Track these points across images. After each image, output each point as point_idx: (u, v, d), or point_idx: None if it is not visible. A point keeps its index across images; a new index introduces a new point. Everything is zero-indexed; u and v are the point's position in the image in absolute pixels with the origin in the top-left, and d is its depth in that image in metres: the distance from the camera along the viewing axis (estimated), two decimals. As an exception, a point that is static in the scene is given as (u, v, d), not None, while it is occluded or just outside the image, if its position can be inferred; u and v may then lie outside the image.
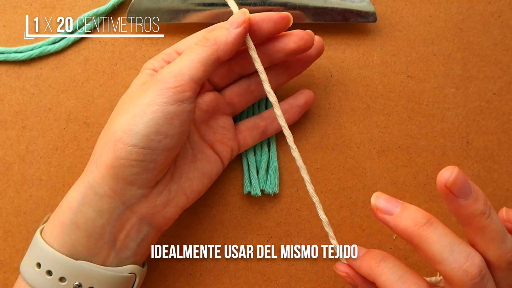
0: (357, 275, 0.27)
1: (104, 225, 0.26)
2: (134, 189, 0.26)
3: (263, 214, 0.34)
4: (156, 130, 0.25)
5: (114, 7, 0.34)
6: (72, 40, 0.34)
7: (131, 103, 0.26)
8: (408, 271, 0.25)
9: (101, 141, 0.27)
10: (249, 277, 0.34)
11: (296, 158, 0.28)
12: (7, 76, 0.34)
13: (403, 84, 0.35)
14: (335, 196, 0.34)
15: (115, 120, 0.26)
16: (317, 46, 0.31)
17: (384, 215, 0.25)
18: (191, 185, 0.29)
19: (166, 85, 0.25)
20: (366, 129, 0.34)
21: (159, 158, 0.26)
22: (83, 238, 0.26)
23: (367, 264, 0.26)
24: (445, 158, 0.34)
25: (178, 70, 0.25)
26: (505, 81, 0.34)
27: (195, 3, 0.33)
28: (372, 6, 0.33)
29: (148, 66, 0.29)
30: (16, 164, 0.34)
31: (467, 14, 0.35)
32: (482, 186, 0.34)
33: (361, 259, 0.27)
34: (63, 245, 0.26)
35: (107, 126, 0.27)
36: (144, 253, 0.29)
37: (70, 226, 0.26)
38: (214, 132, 0.31)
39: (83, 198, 0.26)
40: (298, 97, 0.33)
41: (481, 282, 0.22)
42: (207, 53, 0.26)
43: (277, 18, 0.28)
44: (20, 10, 0.35)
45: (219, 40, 0.26)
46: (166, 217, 0.28)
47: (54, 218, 0.27)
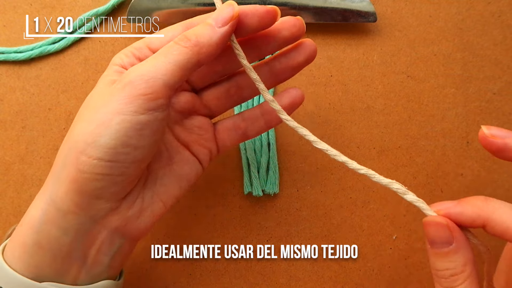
0: (457, 227, 0.23)
1: (71, 243, 0.23)
2: (101, 203, 0.23)
3: (263, 214, 0.34)
4: (124, 142, 0.22)
5: (114, 7, 0.34)
6: (72, 40, 0.34)
7: (95, 110, 0.22)
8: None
9: (63, 151, 0.23)
10: (249, 277, 0.34)
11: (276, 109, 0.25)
12: (7, 76, 0.34)
13: (403, 84, 0.35)
14: (335, 196, 0.34)
15: (76, 128, 0.23)
16: (309, 50, 0.27)
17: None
18: (167, 190, 0.26)
19: (136, 91, 0.22)
20: (366, 129, 0.34)
21: (128, 170, 0.23)
22: (48, 259, 0.23)
23: (473, 206, 0.22)
24: (445, 158, 0.34)
25: (151, 73, 0.22)
26: (505, 81, 0.34)
27: (195, 3, 0.33)
28: (372, 6, 0.33)
29: (116, 61, 0.25)
30: (16, 164, 0.34)
31: (467, 14, 0.35)
32: (482, 186, 0.34)
33: (460, 204, 0.23)
34: (26, 267, 0.23)
35: (69, 134, 0.23)
36: (118, 266, 0.26)
37: (33, 247, 0.23)
38: (190, 132, 0.28)
39: (45, 216, 0.23)
40: (282, 96, 0.28)
41: None
42: (186, 55, 0.22)
43: (263, 12, 0.24)
44: (20, 10, 0.35)
45: (201, 40, 0.23)
46: (141, 227, 0.25)
47: (15, 238, 0.24)
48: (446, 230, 0.22)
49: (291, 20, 0.26)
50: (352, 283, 0.34)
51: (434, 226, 0.23)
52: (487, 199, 0.22)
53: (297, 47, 0.27)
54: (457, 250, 0.22)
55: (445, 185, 0.34)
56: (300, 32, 0.26)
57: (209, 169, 0.34)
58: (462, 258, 0.22)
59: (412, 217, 0.34)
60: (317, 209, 0.34)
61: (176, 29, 0.25)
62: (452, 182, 0.34)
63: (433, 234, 0.23)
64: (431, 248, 0.23)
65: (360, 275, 0.34)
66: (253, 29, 0.24)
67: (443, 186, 0.34)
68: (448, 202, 0.23)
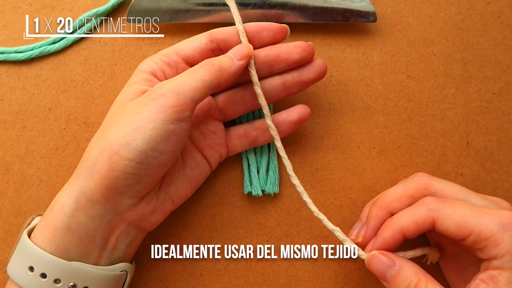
0: (388, 252, 0.28)
1: (96, 229, 0.27)
2: (125, 198, 0.27)
3: (263, 214, 0.34)
4: (154, 147, 0.25)
5: (114, 7, 0.34)
6: (72, 40, 0.34)
7: (129, 116, 0.26)
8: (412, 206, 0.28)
9: (95, 148, 0.26)
10: (249, 277, 0.34)
11: (296, 185, 0.30)
12: (7, 76, 0.34)
13: (403, 84, 0.35)
14: (335, 196, 0.34)
15: (111, 130, 0.26)
16: (320, 69, 0.31)
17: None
18: (178, 191, 0.30)
19: (167, 103, 0.25)
20: (366, 129, 0.34)
21: (153, 172, 0.26)
22: (76, 241, 0.26)
23: (385, 228, 0.28)
24: (445, 158, 0.34)
25: (180, 88, 0.25)
26: (505, 81, 0.34)
27: (195, 3, 0.33)
28: (372, 6, 0.33)
29: (145, 69, 0.29)
30: (16, 164, 0.34)
31: (467, 14, 0.35)
32: (482, 186, 0.34)
33: (379, 234, 0.29)
34: (56, 248, 0.26)
35: (102, 134, 0.27)
36: (132, 252, 0.30)
37: (63, 230, 0.26)
38: (205, 136, 0.31)
39: (76, 204, 0.26)
40: (292, 112, 0.32)
41: None
42: (210, 77, 0.26)
43: (277, 28, 0.30)
44: (20, 10, 0.35)
45: (223, 66, 0.27)
46: (153, 222, 0.29)
47: (46, 222, 0.27)
48: (383, 258, 0.28)
49: (303, 45, 0.30)
50: (352, 283, 0.34)
51: (373, 262, 0.28)
52: (392, 219, 0.28)
53: (309, 65, 0.31)
54: (402, 267, 0.27)
55: (445, 185, 0.34)
56: (309, 56, 0.30)
57: (209, 169, 0.34)
58: (411, 270, 0.27)
59: (412, 217, 0.34)
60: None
61: (202, 37, 0.29)
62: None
63: (378, 267, 0.28)
64: (386, 281, 0.27)
65: (360, 275, 0.34)
66: (268, 42, 0.30)
67: (443, 186, 0.34)
68: (356, 226, 0.30)
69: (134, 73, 0.29)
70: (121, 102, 0.28)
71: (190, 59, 0.29)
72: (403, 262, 0.27)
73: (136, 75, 0.29)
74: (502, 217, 0.25)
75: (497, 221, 0.25)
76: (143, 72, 0.29)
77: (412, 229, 0.27)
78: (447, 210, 0.26)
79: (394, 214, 0.28)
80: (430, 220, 0.26)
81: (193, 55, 0.29)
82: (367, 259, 0.28)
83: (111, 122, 0.27)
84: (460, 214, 0.26)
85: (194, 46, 0.29)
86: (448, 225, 0.26)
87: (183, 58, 0.29)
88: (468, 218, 0.26)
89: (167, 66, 0.29)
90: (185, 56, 0.29)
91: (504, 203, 0.29)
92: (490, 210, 0.26)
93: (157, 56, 0.29)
